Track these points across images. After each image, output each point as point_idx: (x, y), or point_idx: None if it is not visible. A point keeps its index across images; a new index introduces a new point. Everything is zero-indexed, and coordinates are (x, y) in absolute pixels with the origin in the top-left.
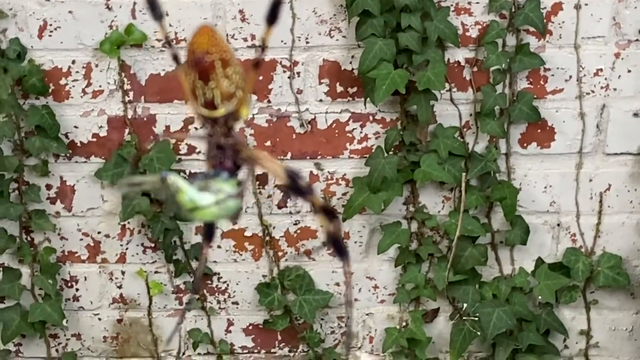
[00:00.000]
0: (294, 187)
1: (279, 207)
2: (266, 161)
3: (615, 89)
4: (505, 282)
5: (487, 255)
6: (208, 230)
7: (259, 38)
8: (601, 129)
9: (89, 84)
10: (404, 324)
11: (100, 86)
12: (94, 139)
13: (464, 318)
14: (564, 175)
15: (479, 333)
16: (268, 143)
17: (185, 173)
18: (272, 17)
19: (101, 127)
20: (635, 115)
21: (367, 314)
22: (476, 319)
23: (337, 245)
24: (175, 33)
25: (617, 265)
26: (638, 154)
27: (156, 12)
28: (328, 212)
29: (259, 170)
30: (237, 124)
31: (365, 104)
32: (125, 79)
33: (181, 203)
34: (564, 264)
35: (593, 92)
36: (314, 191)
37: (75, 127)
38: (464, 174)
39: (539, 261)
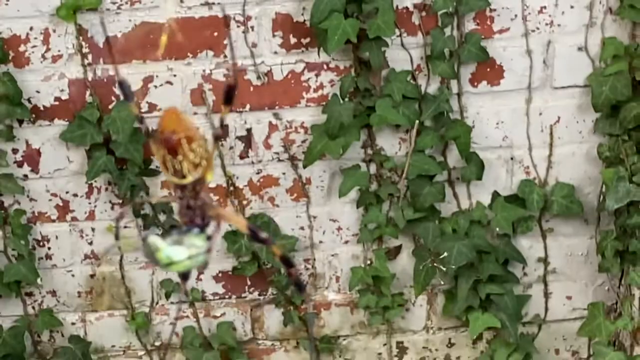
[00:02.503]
0: (255, 237)
1: (241, 158)
2: (231, 217)
3: (559, 25)
4: (463, 217)
5: (444, 192)
6: (184, 275)
7: (219, 117)
8: (548, 64)
9: (48, 50)
10: (368, 262)
11: (59, 51)
12: (57, 103)
13: (435, 264)
14: (514, 111)
15: (443, 273)
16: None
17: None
18: (228, 99)
19: (62, 90)
20: (580, 49)
21: (332, 255)
22: (445, 258)
23: (297, 284)
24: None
25: (569, 193)
26: (585, 86)
27: (128, 96)
28: (285, 261)
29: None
30: (204, 188)
31: (318, 54)
32: (83, 43)
33: (158, 259)
34: (519, 195)
35: (538, 29)
36: (273, 241)
37: (37, 91)
38: (417, 121)
39: (495, 194)
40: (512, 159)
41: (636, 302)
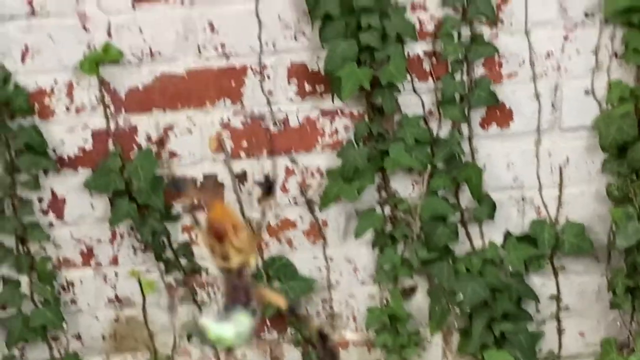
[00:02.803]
0: (294, 314)
1: (259, 202)
2: (272, 296)
3: (566, 69)
4: (476, 256)
5: (457, 232)
6: (229, 348)
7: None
8: (556, 107)
9: (72, 102)
10: (384, 302)
11: (82, 103)
12: (80, 152)
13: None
14: (524, 152)
15: (457, 312)
16: (245, 143)
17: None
18: (268, 192)
19: (86, 140)
20: (587, 92)
21: (349, 296)
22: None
23: (333, 358)
24: (150, 48)
25: (580, 232)
26: (592, 128)
27: (179, 187)
28: (323, 336)
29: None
30: (247, 270)
31: (333, 101)
32: (105, 94)
33: (208, 337)
34: (530, 235)
35: (546, 73)
36: (311, 317)
37: (62, 142)
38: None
39: (507, 234)
40: (523, 199)
41: None
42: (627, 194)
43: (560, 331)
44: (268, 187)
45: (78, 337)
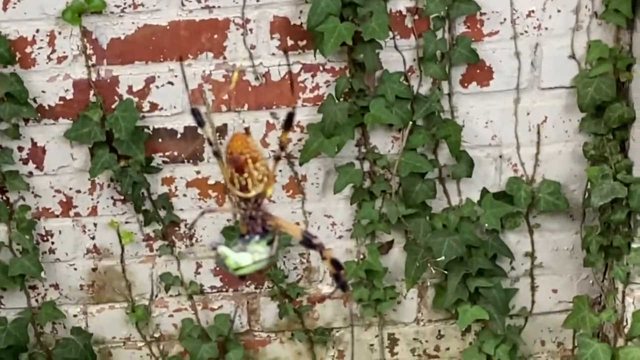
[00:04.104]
0: (308, 243)
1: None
2: (287, 225)
3: (547, 29)
4: (453, 213)
5: (435, 189)
6: (242, 277)
7: (278, 139)
8: (536, 66)
9: (53, 51)
10: (361, 256)
11: (64, 52)
12: (61, 102)
13: (430, 264)
14: (503, 111)
15: (433, 267)
16: (226, 97)
17: (149, 129)
18: (288, 125)
19: (67, 90)
20: (567, 52)
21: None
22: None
23: (342, 285)
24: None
25: (556, 190)
26: (571, 87)
27: (199, 120)
28: (335, 264)
29: (282, 230)
30: (264, 201)
31: (315, 56)
32: (87, 44)
33: (227, 265)
34: (507, 192)
35: (527, 32)
36: (324, 246)
37: (43, 91)
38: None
39: (484, 191)
40: (500, 157)
41: (619, 295)
42: (603, 153)
43: (533, 288)
44: (289, 120)
45: (56, 286)
